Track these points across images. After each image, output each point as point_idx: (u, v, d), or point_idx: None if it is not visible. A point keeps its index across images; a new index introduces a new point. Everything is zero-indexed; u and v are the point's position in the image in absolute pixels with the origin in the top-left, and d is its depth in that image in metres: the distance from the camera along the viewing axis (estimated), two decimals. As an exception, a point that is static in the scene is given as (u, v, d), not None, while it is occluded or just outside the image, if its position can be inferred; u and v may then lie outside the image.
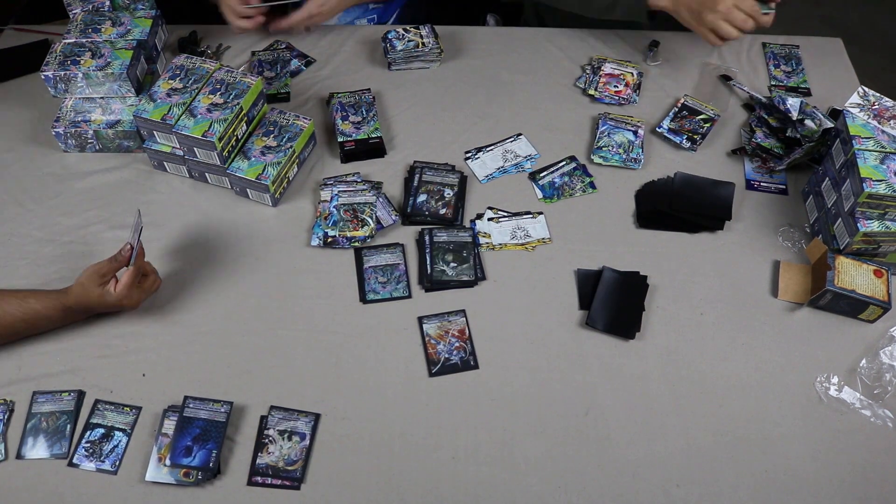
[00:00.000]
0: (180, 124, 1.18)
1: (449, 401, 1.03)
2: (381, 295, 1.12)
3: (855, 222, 1.09)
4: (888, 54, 2.82)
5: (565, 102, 1.42)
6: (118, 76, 1.25)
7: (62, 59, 1.26)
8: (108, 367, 1.05)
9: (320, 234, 1.18)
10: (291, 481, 0.95)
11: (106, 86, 1.27)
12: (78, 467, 0.96)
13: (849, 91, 1.25)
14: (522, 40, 1.55)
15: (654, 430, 1.00)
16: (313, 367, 1.06)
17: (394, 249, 1.17)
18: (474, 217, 1.23)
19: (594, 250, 1.18)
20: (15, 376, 1.03)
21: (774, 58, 1.49)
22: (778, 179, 1.29)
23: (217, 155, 1.19)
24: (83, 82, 1.26)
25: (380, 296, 1.12)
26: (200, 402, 1.00)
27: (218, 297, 1.13)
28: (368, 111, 1.36)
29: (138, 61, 1.30)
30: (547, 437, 1.00)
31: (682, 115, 1.36)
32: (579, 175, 1.29)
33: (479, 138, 1.36)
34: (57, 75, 1.25)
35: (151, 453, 0.96)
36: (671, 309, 1.12)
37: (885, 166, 1.08)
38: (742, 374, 1.05)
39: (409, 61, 1.47)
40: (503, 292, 1.14)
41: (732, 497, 0.95)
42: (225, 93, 1.21)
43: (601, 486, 0.96)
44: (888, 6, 3.04)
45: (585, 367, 1.06)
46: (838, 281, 1.07)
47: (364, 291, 1.13)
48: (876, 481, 0.96)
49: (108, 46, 1.28)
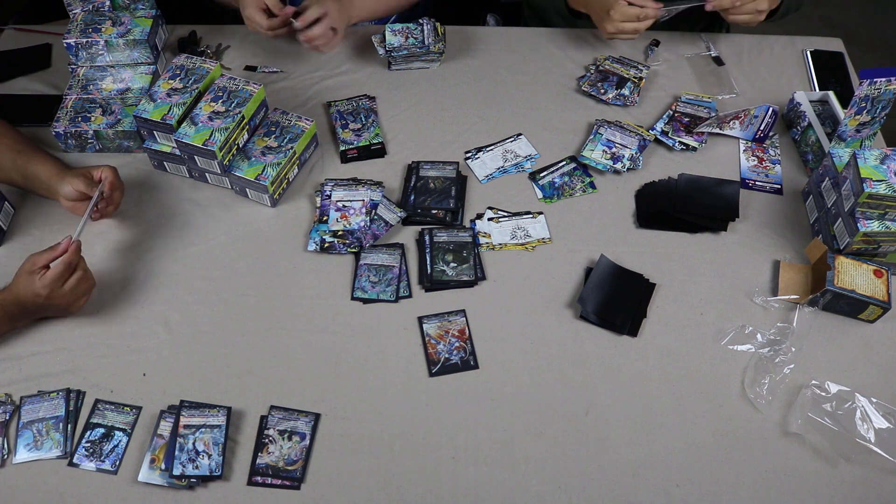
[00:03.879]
0: (181, 132, 1.18)
1: (449, 401, 1.03)
2: (368, 294, 1.12)
3: (855, 222, 1.09)
4: (888, 54, 2.82)
5: (565, 102, 1.42)
6: (139, 42, 1.31)
7: (83, 27, 1.33)
8: (108, 367, 1.05)
9: (317, 238, 1.18)
10: (291, 481, 0.95)
11: (126, 53, 1.31)
12: (78, 467, 0.96)
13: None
14: (522, 40, 1.55)
15: (653, 430, 1.00)
16: (313, 367, 1.06)
17: (392, 251, 1.17)
18: (474, 217, 1.23)
19: (594, 250, 1.18)
20: (15, 376, 1.03)
21: None
22: (773, 178, 1.29)
23: (218, 164, 1.19)
24: (104, 49, 1.30)
25: (367, 295, 1.12)
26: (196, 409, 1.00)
27: (218, 297, 1.13)
28: (367, 117, 1.36)
29: (158, 28, 1.39)
30: (547, 437, 1.00)
31: (676, 117, 1.36)
32: (579, 175, 1.29)
33: (479, 138, 1.36)
34: (79, 42, 1.28)
35: (145, 454, 0.96)
36: (671, 309, 1.12)
37: (886, 166, 1.08)
38: (742, 373, 1.05)
39: (409, 61, 1.47)
40: (503, 292, 1.14)
41: (732, 497, 0.95)
42: (227, 101, 1.21)
43: (601, 486, 0.96)
44: (888, 6, 3.04)
45: (585, 367, 1.06)
46: (838, 281, 1.07)
47: (353, 288, 1.12)
48: (876, 481, 0.96)
49: (127, 15, 1.35)
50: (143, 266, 1.16)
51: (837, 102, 1.35)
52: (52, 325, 1.08)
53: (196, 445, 0.96)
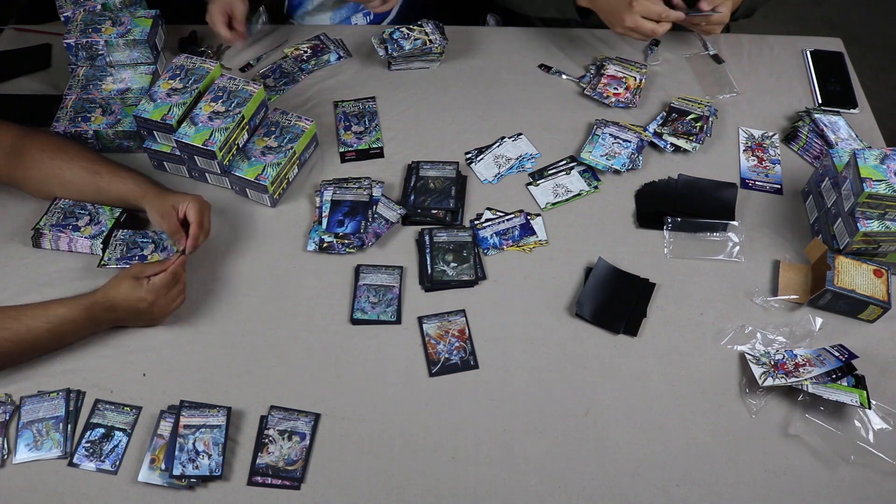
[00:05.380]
0: (181, 132, 1.18)
1: (449, 401, 1.03)
2: (368, 315, 1.10)
3: (855, 222, 1.09)
4: (888, 54, 2.82)
5: (565, 102, 1.42)
6: (139, 42, 1.31)
7: (83, 27, 1.32)
8: (108, 367, 1.05)
9: (316, 239, 1.18)
10: (291, 481, 0.95)
11: (126, 53, 1.31)
12: (78, 467, 0.96)
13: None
14: (522, 40, 1.55)
15: (653, 430, 1.00)
16: (313, 367, 1.06)
17: (392, 271, 1.15)
18: (474, 217, 1.23)
19: (594, 250, 1.18)
20: (15, 376, 1.03)
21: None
22: (773, 178, 1.29)
23: (218, 164, 1.19)
24: (104, 49, 1.30)
25: (367, 316, 1.10)
26: (196, 409, 1.00)
27: (218, 297, 1.13)
28: (371, 121, 1.36)
29: (158, 28, 1.38)
30: (547, 437, 1.00)
31: (671, 118, 1.36)
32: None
33: (479, 138, 1.36)
34: (79, 42, 1.27)
35: (145, 455, 0.96)
36: (671, 309, 1.12)
37: (885, 166, 1.08)
38: (742, 373, 1.05)
39: (409, 61, 1.47)
40: (503, 292, 1.14)
41: (732, 497, 0.95)
42: (227, 101, 1.21)
43: (601, 486, 0.96)
44: (888, 6, 3.04)
45: (585, 367, 1.06)
46: (838, 281, 1.07)
47: (353, 309, 1.11)
48: (876, 481, 0.96)
49: (127, 15, 1.35)
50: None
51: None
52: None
53: (196, 445, 0.96)
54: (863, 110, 1.40)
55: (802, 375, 1.00)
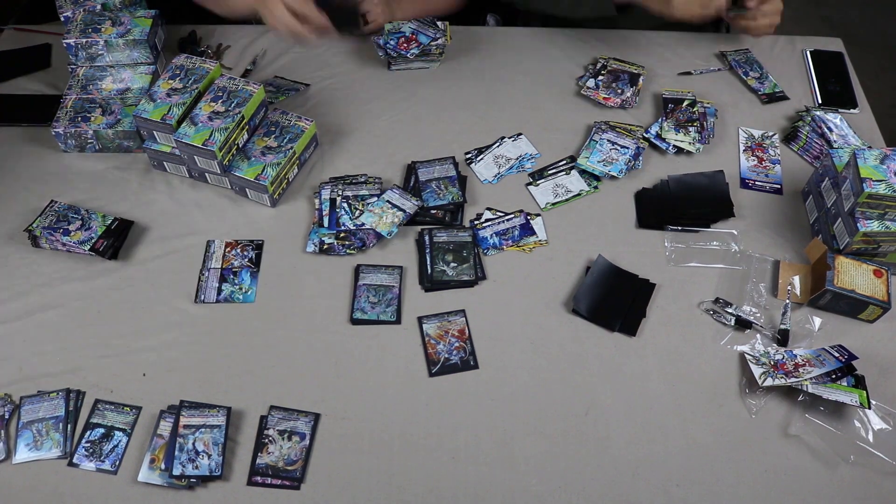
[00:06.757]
0: (181, 132, 1.18)
1: (449, 401, 1.03)
2: (368, 315, 1.10)
3: (855, 222, 1.09)
4: (888, 54, 2.82)
5: (565, 102, 1.42)
6: (138, 42, 1.31)
7: (83, 27, 1.32)
8: (108, 367, 1.05)
9: (316, 240, 1.18)
10: (291, 481, 0.95)
11: (126, 53, 1.31)
12: (78, 467, 0.96)
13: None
14: (522, 40, 1.55)
15: (653, 430, 1.00)
16: (313, 367, 1.06)
17: (392, 271, 1.15)
18: (474, 217, 1.23)
19: (594, 250, 1.18)
20: (16, 376, 1.03)
21: (739, 66, 1.48)
22: (773, 178, 1.29)
23: (218, 164, 1.19)
24: (104, 49, 1.30)
25: (367, 316, 1.10)
26: (196, 409, 1.00)
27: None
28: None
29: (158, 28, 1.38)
30: (547, 437, 1.00)
31: (668, 108, 1.35)
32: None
33: (479, 138, 1.36)
34: (78, 42, 1.27)
35: (145, 454, 0.96)
36: (671, 309, 1.12)
37: (885, 166, 1.08)
38: (742, 373, 1.05)
39: (409, 61, 1.47)
40: (503, 292, 1.14)
41: (732, 497, 0.95)
42: (226, 101, 1.21)
43: (601, 486, 0.96)
44: (888, 6, 3.04)
45: (585, 367, 1.06)
46: (838, 281, 1.07)
47: (353, 309, 1.11)
48: (876, 481, 0.96)
49: (126, 15, 1.34)
50: (142, 266, 1.16)
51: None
52: (52, 325, 1.09)
53: (196, 445, 0.96)
54: (863, 110, 1.40)
55: (802, 375, 1.01)
